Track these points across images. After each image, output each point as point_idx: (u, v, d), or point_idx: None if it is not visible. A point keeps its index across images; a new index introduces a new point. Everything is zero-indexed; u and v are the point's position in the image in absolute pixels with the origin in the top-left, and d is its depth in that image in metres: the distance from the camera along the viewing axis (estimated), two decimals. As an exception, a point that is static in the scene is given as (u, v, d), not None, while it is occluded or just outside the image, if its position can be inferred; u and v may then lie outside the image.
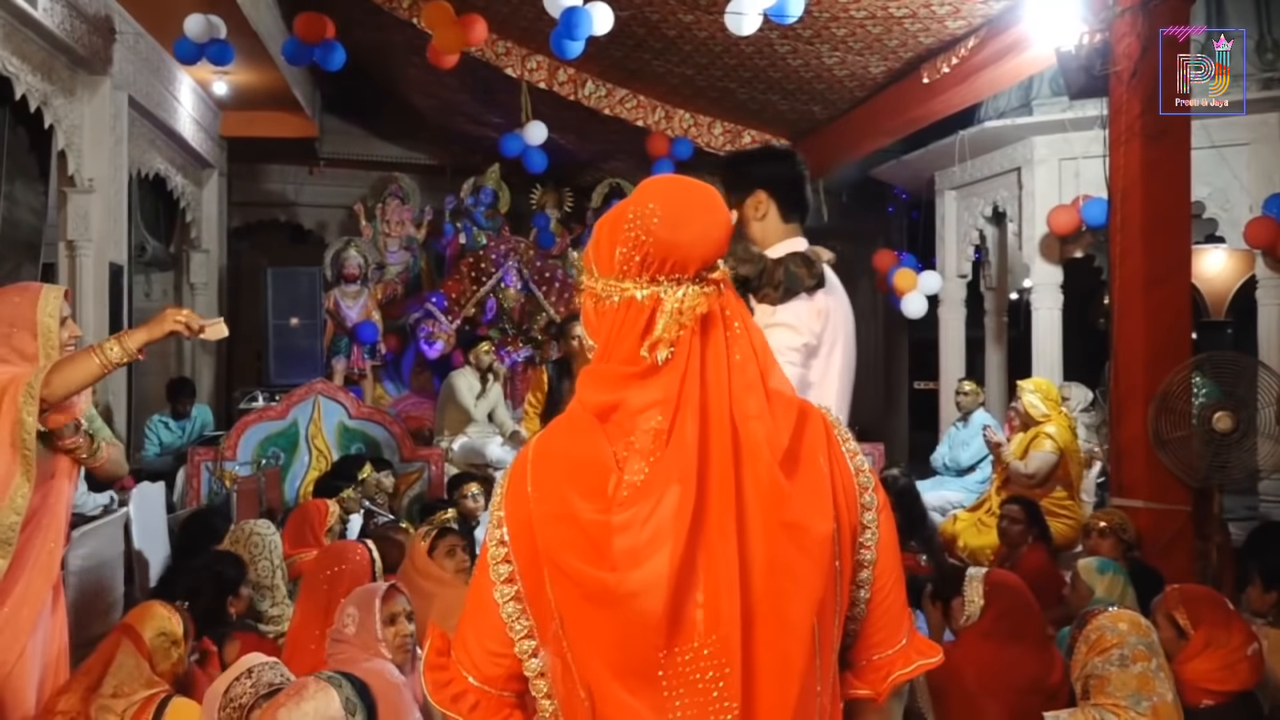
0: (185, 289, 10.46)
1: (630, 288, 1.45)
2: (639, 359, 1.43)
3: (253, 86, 9.36)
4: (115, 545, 4.80)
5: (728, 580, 1.39)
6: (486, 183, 10.84)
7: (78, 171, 7.04)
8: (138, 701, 2.97)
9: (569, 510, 1.41)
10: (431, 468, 7.24)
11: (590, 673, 1.43)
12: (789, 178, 2.80)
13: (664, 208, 1.46)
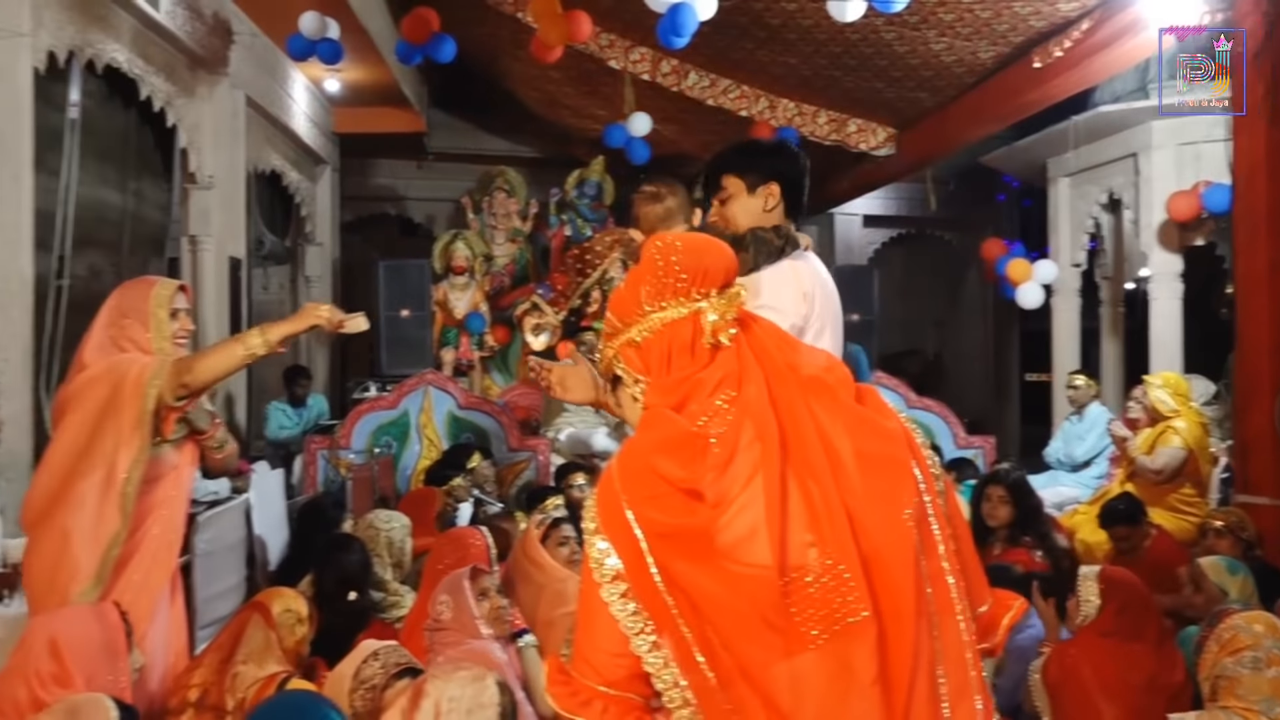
0: (300, 282, 10.73)
1: (669, 311, 1.68)
2: (696, 359, 1.65)
3: (363, 83, 9.56)
4: (238, 530, 4.95)
5: (827, 508, 1.54)
6: (591, 175, 10.88)
7: (199, 169, 7.26)
8: (261, 679, 3.08)
9: (659, 481, 1.58)
10: (539, 457, 7.31)
11: (716, 646, 1.52)
12: (799, 177, 2.88)
13: (682, 243, 1.73)
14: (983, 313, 14.17)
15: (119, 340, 3.20)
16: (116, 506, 3.08)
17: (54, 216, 5.83)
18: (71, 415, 3.12)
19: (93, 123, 6.22)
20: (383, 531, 4.77)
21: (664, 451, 1.59)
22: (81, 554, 3.06)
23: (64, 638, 2.69)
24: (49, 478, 3.13)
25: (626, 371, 1.73)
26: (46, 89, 5.46)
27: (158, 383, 3.10)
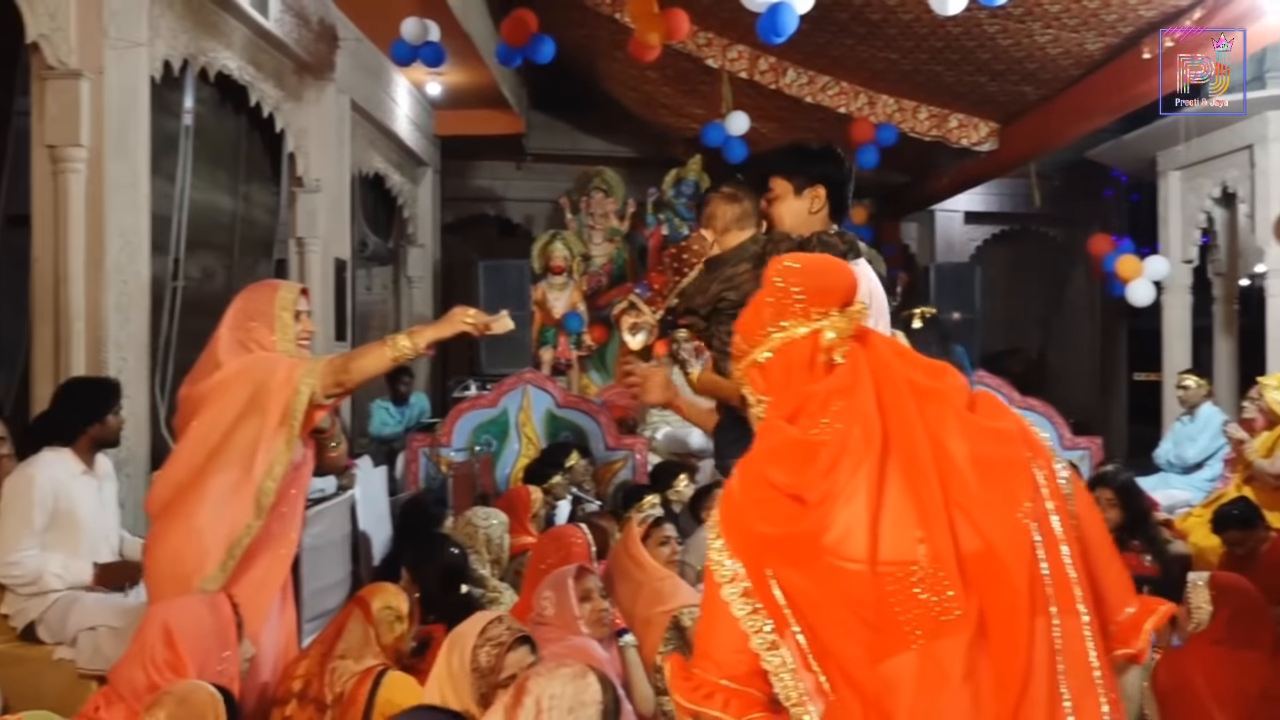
0: (402, 282, 10.93)
1: (789, 331, 1.75)
2: (813, 375, 1.71)
3: (464, 86, 9.68)
4: (343, 526, 5.05)
5: (933, 506, 1.57)
6: (688, 174, 10.87)
7: (306, 172, 7.43)
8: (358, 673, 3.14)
9: (767, 488, 1.63)
10: (635, 456, 7.33)
11: (826, 646, 1.56)
12: (844, 181, 3.00)
13: (801, 264, 1.80)
14: (1089, 310, 13.83)
15: (246, 342, 3.26)
16: (251, 501, 3.15)
17: (170, 220, 6.03)
18: (209, 410, 3.19)
19: (205, 129, 6.42)
20: (481, 529, 4.83)
21: (773, 460, 1.65)
22: (209, 546, 3.13)
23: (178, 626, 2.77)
24: (181, 470, 3.20)
25: (750, 392, 1.80)
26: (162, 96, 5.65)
27: (311, 380, 3.16)
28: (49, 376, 4.77)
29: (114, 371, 4.81)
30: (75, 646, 3.94)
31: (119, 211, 4.96)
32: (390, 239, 10.78)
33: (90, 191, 4.84)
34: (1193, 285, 9.57)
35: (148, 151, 5.24)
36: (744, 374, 1.82)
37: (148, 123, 5.22)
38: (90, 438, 4.21)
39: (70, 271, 4.78)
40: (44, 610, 4.00)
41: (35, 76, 4.82)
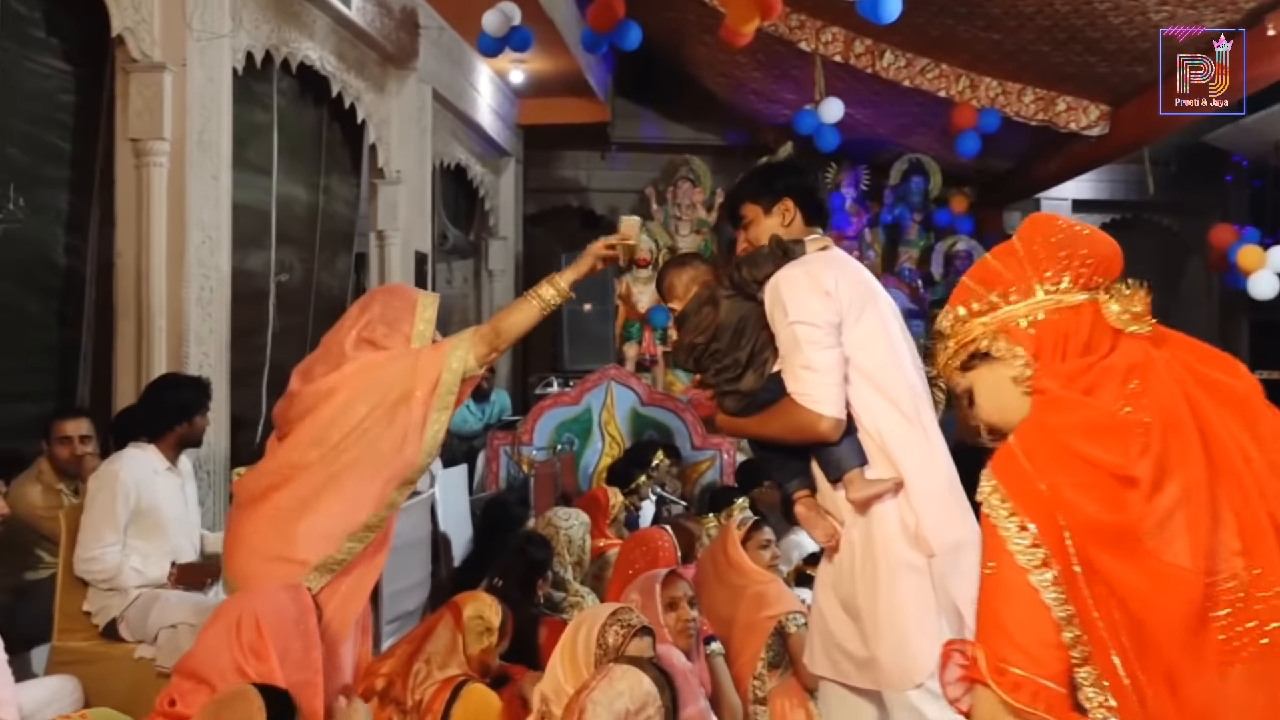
0: (483, 275, 11.02)
1: (1068, 296, 1.70)
2: (1093, 349, 1.67)
3: (548, 74, 9.73)
4: (423, 526, 5.11)
5: (1252, 515, 1.53)
6: (778, 162, 10.82)
7: (386, 164, 7.53)
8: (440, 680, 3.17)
9: (1086, 466, 1.57)
10: (724, 456, 7.30)
11: (1136, 649, 1.50)
12: (810, 187, 3.08)
13: (1082, 228, 1.74)
14: (1206, 305, 13.44)
15: (377, 345, 3.20)
16: (381, 496, 3.09)
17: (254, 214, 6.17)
18: (335, 400, 3.10)
19: (286, 121, 6.54)
20: (562, 529, 4.84)
21: (1090, 435, 1.58)
22: (322, 533, 3.06)
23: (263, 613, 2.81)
24: (296, 453, 3.10)
25: (1010, 350, 1.71)
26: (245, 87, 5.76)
27: (461, 352, 3.14)
28: (131, 373, 4.90)
29: (195, 368, 4.93)
30: (156, 644, 4.04)
31: (200, 205, 5.08)
32: (471, 231, 10.88)
33: (172, 185, 4.97)
34: (1321, 277, 9.24)
35: (230, 144, 5.35)
36: (1001, 329, 1.73)
37: (230, 115, 5.33)
38: (177, 436, 4.33)
39: (153, 266, 4.91)
40: (125, 607, 4.11)
41: (119, 70, 4.96)
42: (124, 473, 4.12)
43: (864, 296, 2.79)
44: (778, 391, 2.70)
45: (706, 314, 2.92)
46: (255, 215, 6.22)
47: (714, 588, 4.24)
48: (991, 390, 1.76)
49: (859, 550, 2.67)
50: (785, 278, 2.75)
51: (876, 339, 2.74)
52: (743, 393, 2.82)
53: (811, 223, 3.03)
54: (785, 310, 2.69)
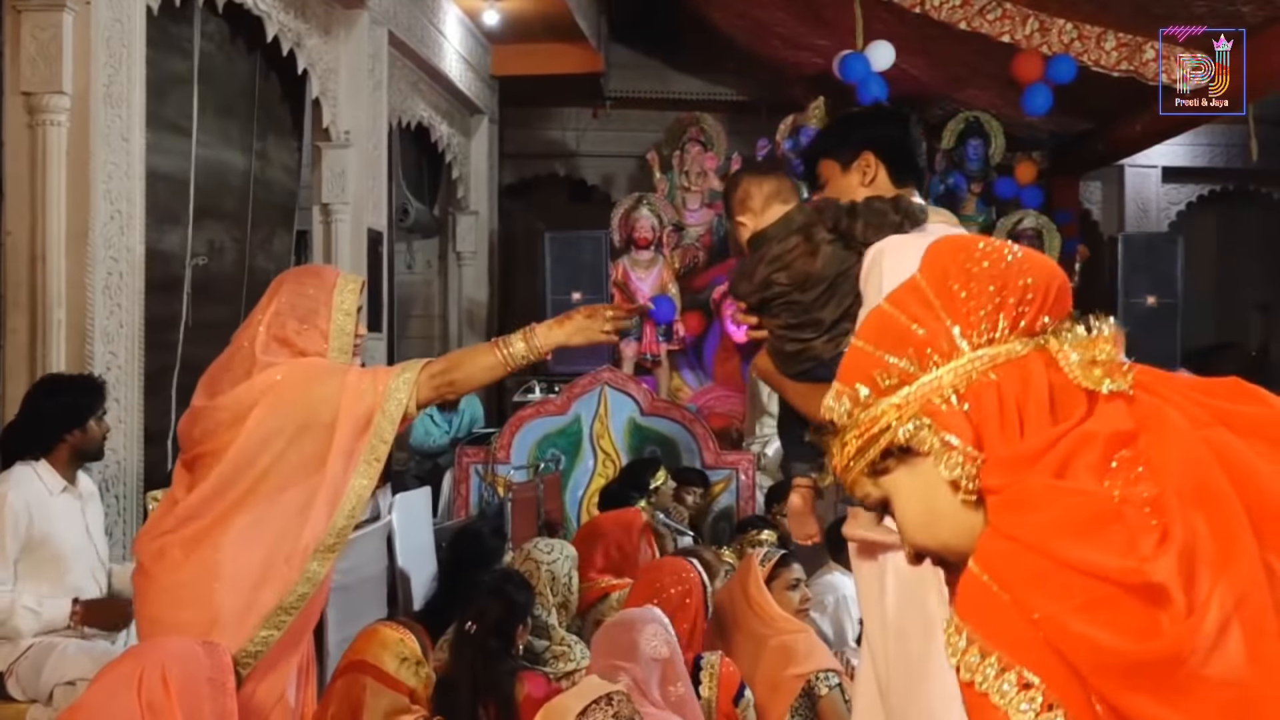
0: (451, 258, 11.02)
1: (1002, 347, 1.42)
2: (1058, 414, 1.38)
3: (528, 14, 9.71)
4: (378, 560, 5.09)
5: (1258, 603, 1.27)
6: (809, 122, 10.76)
7: (333, 123, 7.52)
8: None
9: (1083, 579, 1.29)
10: (740, 476, 7.28)
11: None
12: (899, 136, 3.14)
13: (1008, 251, 1.46)
14: (1324, 294, 13.47)
15: (290, 344, 3.13)
16: (308, 555, 3.03)
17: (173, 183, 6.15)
18: (246, 431, 3.01)
19: (212, 70, 6.52)
20: (544, 565, 4.81)
21: (1079, 534, 1.31)
22: (236, 607, 3.00)
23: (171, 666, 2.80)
24: (199, 503, 3.03)
25: (939, 436, 1.41)
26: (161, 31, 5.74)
27: (403, 395, 3.05)
28: (23, 375, 4.88)
29: (101, 369, 4.91)
30: (51, 704, 4.02)
31: (108, 173, 5.07)
32: (437, 205, 10.86)
33: (73, 149, 4.95)
34: None
35: (143, 99, 5.34)
36: (922, 409, 1.43)
37: (143, 64, 5.31)
38: (70, 447, 4.31)
39: (49, 247, 4.88)
40: (15, 659, 4.10)
41: (8, 9, 4.94)
42: (11, 495, 4.10)
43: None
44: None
45: (798, 253, 2.90)
46: (174, 185, 6.21)
47: (733, 635, 4.23)
48: (918, 500, 1.48)
49: (891, 605, 2.64)
50: (895, 248, 2.66)
51: None
52: (807, 356, 2.85)
53: (901, 179, 3.06)
54: (882, 286, 2.55)
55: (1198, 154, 12.88)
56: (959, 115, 11.19)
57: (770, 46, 10.87)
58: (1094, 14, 8.92)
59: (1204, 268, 13.17)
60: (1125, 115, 10.48)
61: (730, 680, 3.70)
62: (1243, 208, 13.69)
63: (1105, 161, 12.32)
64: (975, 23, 9.08)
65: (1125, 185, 13.00)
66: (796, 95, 11.30)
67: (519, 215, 12.57)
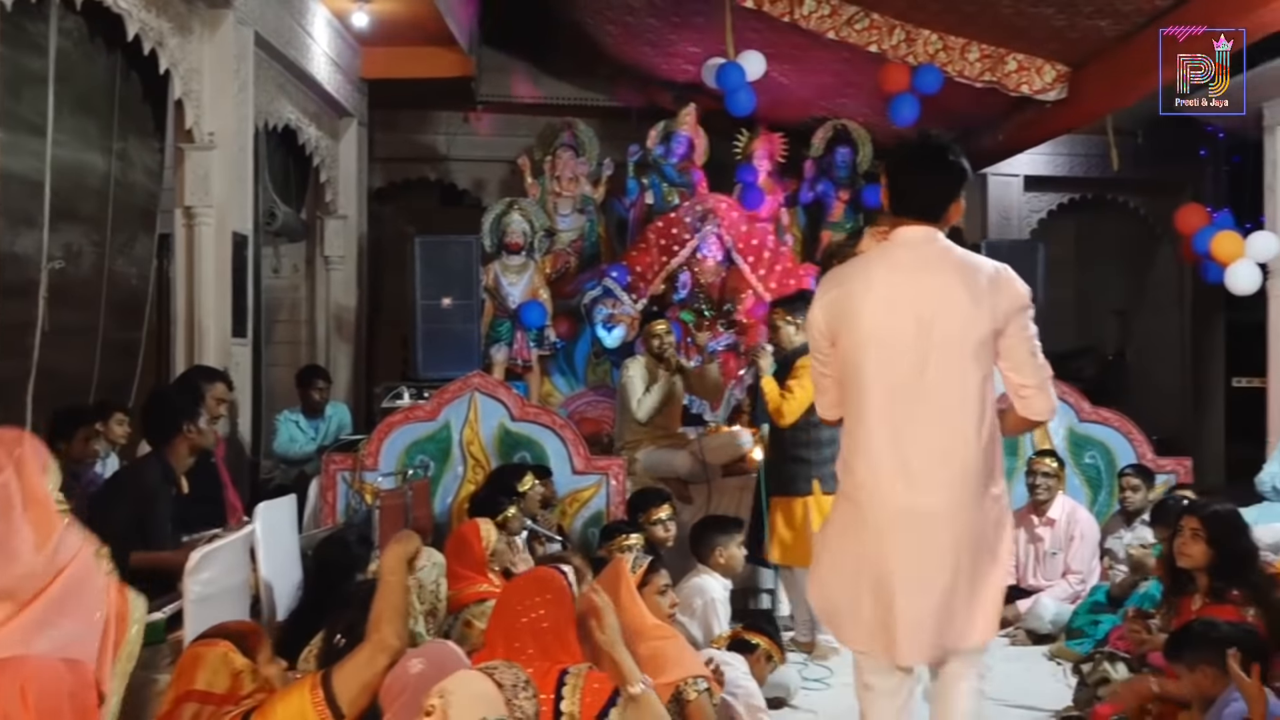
0: (319, 263, 10.89)
1: None
2: None
3: (398, 17, 9.65)
4: (240, 570, 5.01)
5: None
6: (679, 128, 10.84)
7: (197, 124, 7.40)
8: None
9: None
10: (611, 481, 7.32)
11: None
12: (895, 167, 3.71)
13: None
14: (1178, 300, 13.88)
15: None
16: None
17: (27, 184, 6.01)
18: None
19: (69, 68, 6.38)
20: (411, 572, 4.80)
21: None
22: None
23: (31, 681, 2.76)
24: None
25: None
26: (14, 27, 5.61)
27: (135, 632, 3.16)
28: None
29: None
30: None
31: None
32: (304, 209, 10.74)
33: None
34: (1307, 269, 9.61)
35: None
36: None
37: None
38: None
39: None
40: None
41: None
42: None
43: (844, 323, 3.56)
44: None
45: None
46: (29, 186, 6.07)
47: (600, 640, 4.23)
48: None
49: None
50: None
51: (845, 368, 3.59)
52: None
53: (892, 207, 3.65)
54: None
55: (1058, 163, 13.20)
56: (827, 123, 11.34)
57: (641, 53, 10.93)
58: (958, 25, 9.12)
59: (1064, 274, 13.52)
60: (988, 125, 10.72)
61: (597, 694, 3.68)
62: (1102, 216, 14.07)
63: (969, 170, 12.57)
64: (844, 32, 9.22)
65: (988, 193, 13.27)
66: (668, 102, 11.37)
67: (389, 219, 12.47)
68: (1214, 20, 7.63)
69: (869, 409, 3.49)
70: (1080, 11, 8.36)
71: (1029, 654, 6.72)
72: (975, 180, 13.06)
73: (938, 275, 3.51)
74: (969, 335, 3.47)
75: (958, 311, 3.47)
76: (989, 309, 3.48)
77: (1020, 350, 3.55)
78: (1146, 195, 13.58)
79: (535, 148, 11.17)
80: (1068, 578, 7.23)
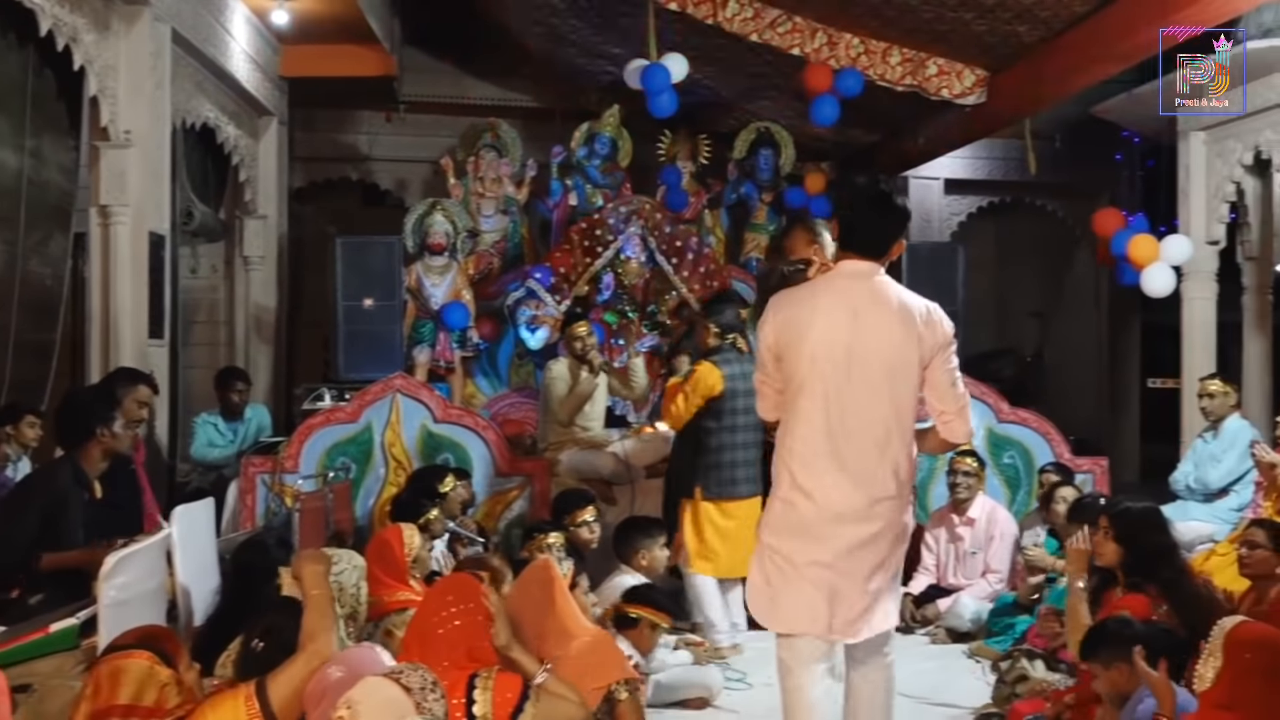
0: (238, 263, 10.77)
1: None
2: None
3: (319, 15, 9.58)
4: (156, 575, 4.94)
5: None
6: (603, 129, 10.85)
7: (112, 122, 7.29)
8: None
9: None
10: (534, 484, 7.32)
11: None
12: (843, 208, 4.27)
13: None
14: (1095, 302, 14.09)
15: None
16: None
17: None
18: None
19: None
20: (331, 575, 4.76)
21: None
22: None
23: None
24: None
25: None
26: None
27: None
28: None
29: None
30: None
31: None
32: (223, 208, 10.62)
33: None
34: (1219, 272, 9.77)
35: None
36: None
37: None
38: None
39: None
40: None
41: None
42: None
43: (791, 342, 4.01)
44: None
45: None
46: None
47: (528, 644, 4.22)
48: None
49: None
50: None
51: (792, 382, 4.03)
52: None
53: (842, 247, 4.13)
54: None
55: (977, 167, 13.36)
56: (751, 125, 11.40)
57: (565, 54, 10.93)
58: (880, 30, 9.19)
59: (983, 276, 13.67)
60: (909, 129, 10.82)
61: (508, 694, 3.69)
62: (1020, 219, 14.25)
63: (890, 173, 12.66)
64: (766, 35, 9.26)
65: (909, 196, 13.37)
66: (591, 103, 11.37)
67: (310, 219, 12.36)
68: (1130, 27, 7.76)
69: (809, 421, 3.97)
70: (999, 17, 8.46)
71: (949, 652, 6.79)
72: (897, 183, 13.18)
73: (875, 307, 3.98)
74: (896, 362, 3.96)
75: (888, 341, 3.95)
76: (916, 342, 3.96)
77: (943, 381, 4.02)
78: (1064, 199, 13.77)
79: (458, 148, 11.15)
80: (987, 577, 7.32)
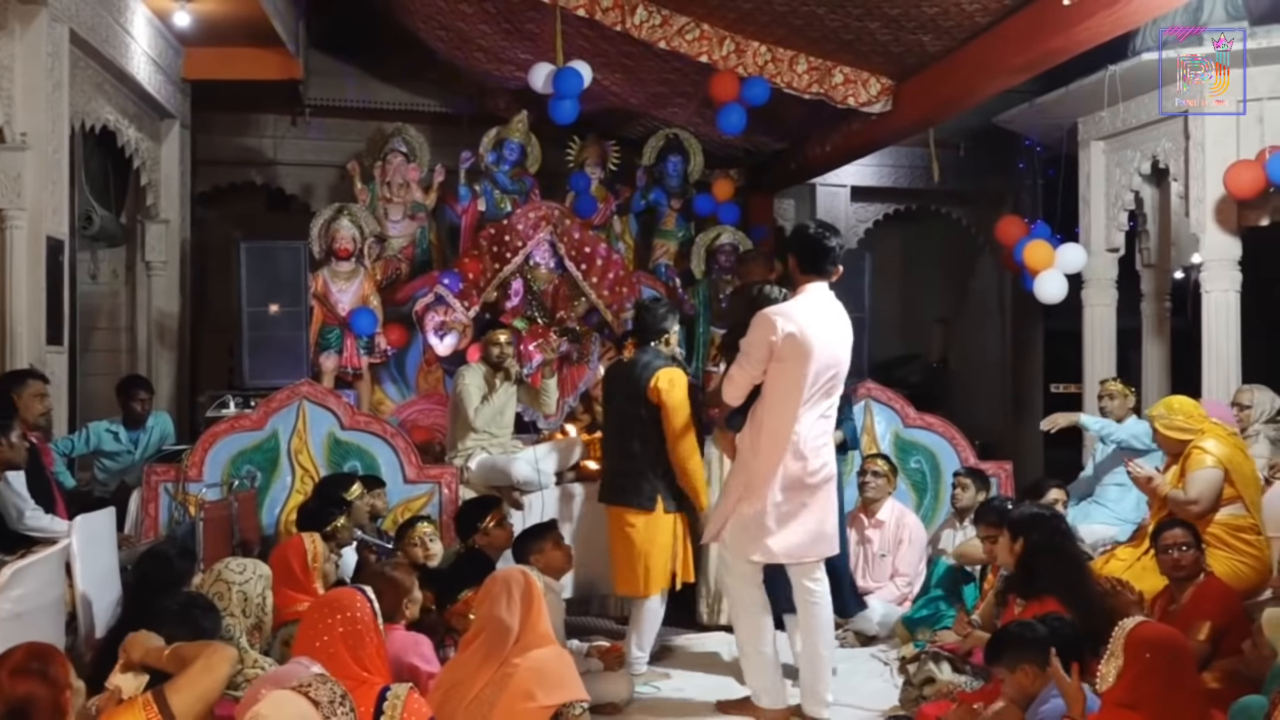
0: (139, 268, 10.61)
1: None
2: None
3: (222, 16, 9.47)
4: (55, 586, 4.87)
5: None
6: (511, 135, 10.84)
7: (8, 124, 7.18)
8: None
9: None
10: (443, 490, 7.31)
11: None
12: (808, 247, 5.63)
13: None
14: (999, 308, 14.30)
15: None
16: None
17: None
18: None
19: None
20: (235, 585, 4.74)
21: None
22: None
23: None
24: None
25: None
26: None
27: None
28: None
29: None
30: None
31: None
32: (124, 212, 10.46)
33: None
34: (1118, 279, 9.97)
35: None
36: None
37: None
38: None
39: None
40: None
41: None
42: None
43: (793, 358, 5.37)
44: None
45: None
46: None
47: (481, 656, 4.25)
48: None
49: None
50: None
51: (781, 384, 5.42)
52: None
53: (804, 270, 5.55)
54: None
55: (883, 174, 13.51)
56: (659, 132, 11.45)
57: (473, 59, 10.88)
58: (787, 38, 9.27)
59: (890, 283, 13.85)
60: (816, 136, 10.92)
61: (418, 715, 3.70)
62: (925, 227, 14.44)
63: (797, 180, 12.81)
64: (674, 42, 9.31)
65: (817, 203, 13.51)
66: (499, 108, 11.35)
67: (213, 224, 12.20)
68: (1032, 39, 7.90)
69: (790, 408, 5.39)
70: (904, 27, 8.57)
71: (857, 655, 6.87)
72: (804, 190, 13.31)
73: (835, 318, 5.53)
74: (842, 360, 5.53)
75: (843, 344, 5.52)
76: (848, 343, 5.57)
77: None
78: (968, 206, 13.97)
79: (365, 153, 11.11)
80: (895, 580, 7.40)
